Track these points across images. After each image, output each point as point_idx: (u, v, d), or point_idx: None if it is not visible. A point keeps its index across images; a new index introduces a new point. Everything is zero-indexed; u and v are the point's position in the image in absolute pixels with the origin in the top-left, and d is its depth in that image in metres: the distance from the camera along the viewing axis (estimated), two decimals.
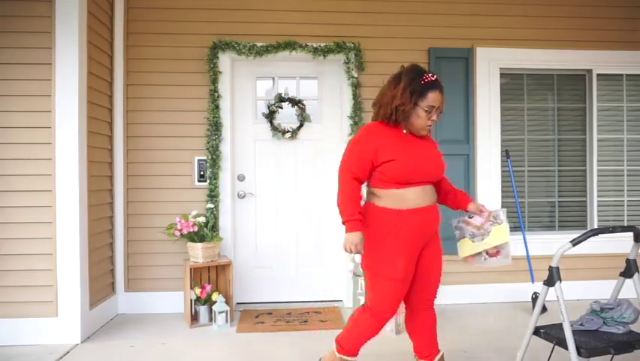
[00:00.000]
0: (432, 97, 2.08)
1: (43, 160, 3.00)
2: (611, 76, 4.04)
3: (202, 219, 3.40)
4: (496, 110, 3.86)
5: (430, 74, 2.11)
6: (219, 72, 3.67)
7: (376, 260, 2.11)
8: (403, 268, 2.07)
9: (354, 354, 2.28)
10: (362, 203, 2.17)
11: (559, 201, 4.05)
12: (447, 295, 3.81)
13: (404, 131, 2.15)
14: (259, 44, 3.67)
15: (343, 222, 2.10)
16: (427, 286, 2.23)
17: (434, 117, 2.12)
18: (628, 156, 4.08)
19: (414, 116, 2.11)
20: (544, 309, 3.47)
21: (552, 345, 2.01)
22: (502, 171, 3.88)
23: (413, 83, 2.09)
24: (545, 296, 2.00)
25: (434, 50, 3.80)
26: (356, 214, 2.08)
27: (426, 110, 2.09)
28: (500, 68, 3.88)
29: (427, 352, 2.28)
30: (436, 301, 3.82)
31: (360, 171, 2.12)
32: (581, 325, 2.06)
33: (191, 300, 3.40)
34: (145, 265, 3.68)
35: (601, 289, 3.81)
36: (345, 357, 2.26)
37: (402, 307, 3.32)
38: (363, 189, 2.19)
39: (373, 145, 2.10)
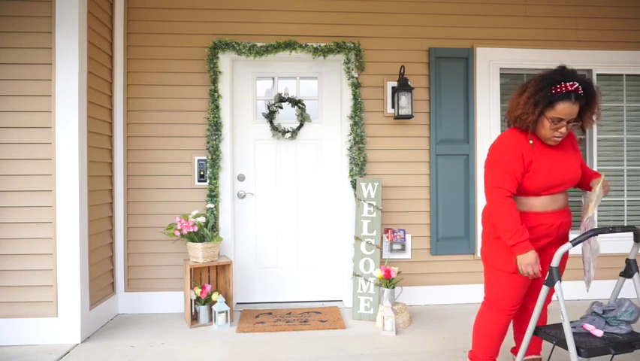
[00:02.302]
0: (561, 108, 1.90)
1: (43, 160, 3.00)
2: (611, 76, 4.04)
3: (202, 219, 3.40)
4: (496, 110, 3.86)
5: (567, 83, 1.89)
6: (219, 72, 3.67)
7: (493, 253, 2.15)
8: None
9: (484, 359, 2.26)
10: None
11: None
12: (447, 295, 3.82)
13: (530, 141, 2.02)
14: (259, 44, 3.68)
15: (511, 246, 1.99)
16: (538, 284, 2.24)
17: (563, 130, 1.94)
18: (628, 156, 4.08)
19: (539, 125, 1.98)
20: None
21: (552, 345, 2.00)
22: None
23: (539, 93, 1.92)
24: (545, 296, 2.00)
25: (434, 50, 3.80)
26: (523, 232, 1.97)
27: (554, 122, 1.94)
28: (500, 68, 3.88)
29: (528, 350, 2.29)
30: (437, 301, 3.84)
31: (510, 184, 2.01)
32: (582, 326, 2.05)
33: (191, 300, 3.40)
34: (145, 265, 3.68)
35: (601, 289, 3.82)
36: None
37: (400, 308, 3.33)
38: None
39: (520, 155, 2.01)
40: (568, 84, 1.88)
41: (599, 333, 1.94)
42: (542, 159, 2.03)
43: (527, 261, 1.96)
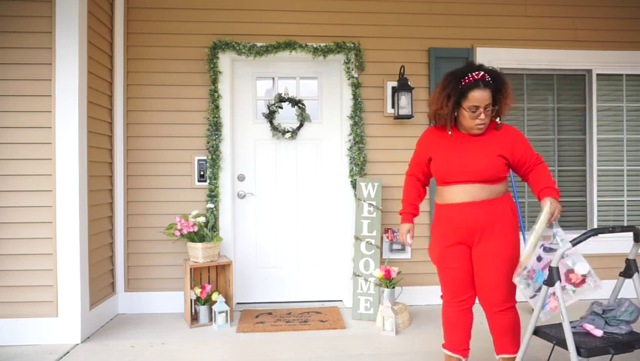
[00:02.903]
0: (474, 96, 2.03)
1: (43, 160, 3.00)
2: (610, 76, 4.04)
3: (202, 219, 3.40)
4: None
5: (474, 74, 2.03)
6: (219, 72, 3.67)
7: (429, 247, 2.34)
8: (438, 255, 2.23)
9: (451, 348, 2.28)
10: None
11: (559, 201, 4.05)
12: None
13: (449, 132, 2.17)
14: (259, 44, 3.68)
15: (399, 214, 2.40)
16: (481, 286, 2.18)
17: (482, 116, 2.05)
18: (628, 156, 4.08)
19: (461, 118, 2.12)
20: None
21: (552, 345, 2.01)
22: None
23: (449, 86, 2.08)
24: (545, 296, 2.00)
25: (434, 50, 3.80)
26: (406, 207, 2.36)
27: (472, 111, 2.05)
28: (500, 68, 3.87)
29: (497, 350, 2.27)
30: (437, 301, 3.83)
31: (415, 169, 2.36)
32: (582, 326, 2.05)
33: (191, 300, 3.41)
34: (145, 265, 3.68)
35: (601, 289, 3.81)
36: (447, 352, 2.31)
37: (400, 308, 3.33)
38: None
39: (424, 145, 2.27)
40: (473, 74, 2.04)
41: (598, 333, 1.94)
42: (446, 148, 2.17)
43: (400, 229, 2.38)
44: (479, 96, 2.03)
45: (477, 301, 2.27)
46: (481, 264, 2.14)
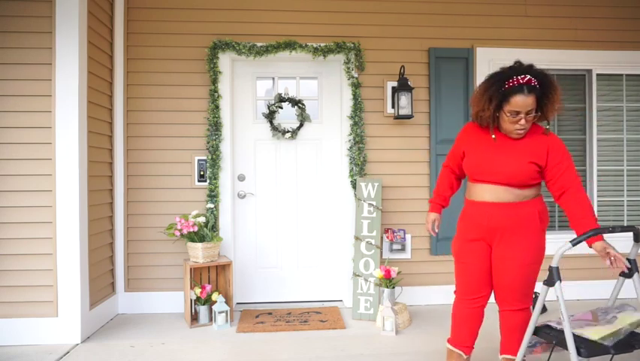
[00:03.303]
0: (516, 101, 1.95)
1: (43, 160, 3.00)
2: (610, 76, 4.04)
3: (202, 219, 3.40)
4: None
5: (520, 77, 1.95)
6: (219, 72, 3.67)
7: (453, 240, 2.34)
8: (458, 249, 2.26)
9: (455, 344, 2.30)
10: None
11: None
12: (447, 295, 3.82)
13: (493, 136, 2.11)
14: (259, 44, 3.68)
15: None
16: (497, 285, 2.19)
17: (522, 122, 1.99)
18: (628, 156, 4.08)
19: (501, 120, 2.06)
20: (544, 309, 3.48)
21: (552, 345, 2.01)
22: None
23: (491, 88, 2.00)
24: (545, 296, 2.00)
25: (434, 50, 3.80)
26: (436, 197, 2.42)
27: (512, 115, 1.98)
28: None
29: (502, 349, 2.28)
30: (437, 301, 3.84)
31: (451, 161, 2.38)
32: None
33: (191, 300, 3.41)
34: (145, 265, 3.68)
35: (601, 289, 3.83)
36: (449, 346, 2.33)
37: (400, 308, 3.33)
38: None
39: (462, 140, 2.27)
40: (519, 77, 1.96)
41: None
42: (482, 146, 2.15)
43: (427, 218, 2.43)
44: (522, 102, 1.95)
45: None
46: (500, 264, 2.14)
